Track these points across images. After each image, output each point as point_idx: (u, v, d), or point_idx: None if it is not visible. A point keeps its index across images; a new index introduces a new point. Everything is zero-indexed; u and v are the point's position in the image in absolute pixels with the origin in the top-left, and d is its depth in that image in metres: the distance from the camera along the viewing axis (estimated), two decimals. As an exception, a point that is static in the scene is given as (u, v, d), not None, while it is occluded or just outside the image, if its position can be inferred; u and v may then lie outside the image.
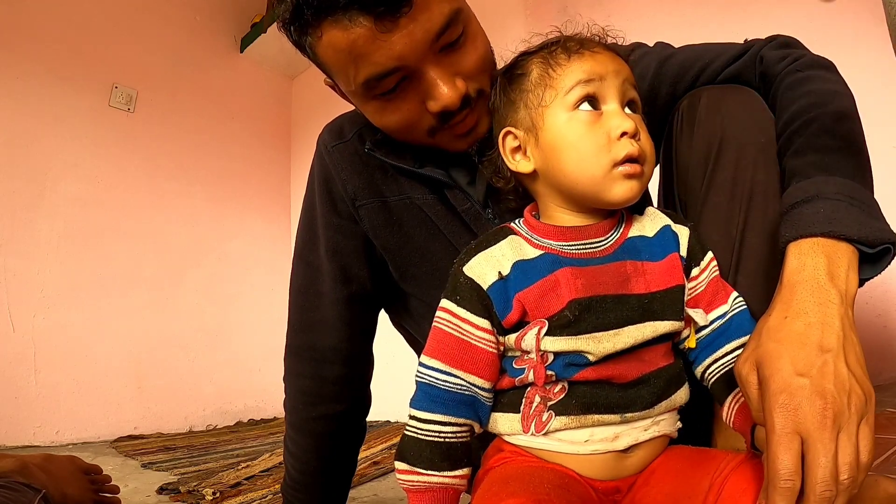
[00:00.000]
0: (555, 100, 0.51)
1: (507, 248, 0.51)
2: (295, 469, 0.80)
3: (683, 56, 0.67)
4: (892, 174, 1.31)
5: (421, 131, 0.62)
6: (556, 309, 0.48)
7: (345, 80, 0.60)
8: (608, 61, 0.51)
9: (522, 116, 0.54)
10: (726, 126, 0.59)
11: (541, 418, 0.49)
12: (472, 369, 0.49)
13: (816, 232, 0.47)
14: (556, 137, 0.51)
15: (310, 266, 0.78)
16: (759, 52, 0.64)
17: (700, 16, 1.70)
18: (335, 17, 0.53)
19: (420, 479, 0.48)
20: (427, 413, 0.49)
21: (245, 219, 2.78)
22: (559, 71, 0.52)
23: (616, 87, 0.51)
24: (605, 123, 0.50)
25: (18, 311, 1.95)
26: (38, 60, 2.13)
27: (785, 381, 0.41)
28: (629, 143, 0.49)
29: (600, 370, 0.48)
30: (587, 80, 0.50)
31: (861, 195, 0.50)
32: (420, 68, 0.57)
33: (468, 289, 0.50)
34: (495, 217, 0.67)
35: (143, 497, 1.24)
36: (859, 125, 0.56)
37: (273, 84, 3.05)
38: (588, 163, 0.49)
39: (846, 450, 0.39)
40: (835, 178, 0.50)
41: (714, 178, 0.60)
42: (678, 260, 0.53)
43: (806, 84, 0.58)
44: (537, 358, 0.49)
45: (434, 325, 0.51)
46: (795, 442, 0.39)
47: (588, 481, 0.49)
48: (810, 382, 0.41)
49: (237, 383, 2.54)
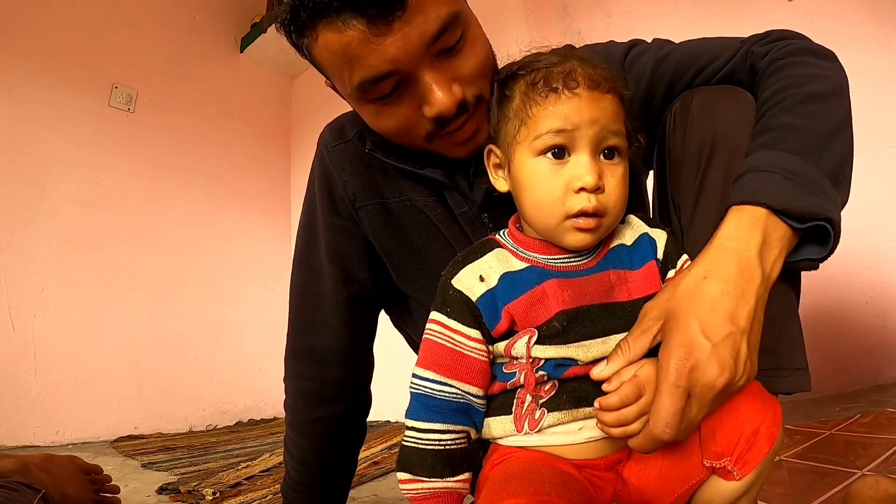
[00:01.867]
0: (525, 140, 0.51)
1: (494, 260, 0.52)
2: (295, 470, 0.80)
3: (680, 55, 0.67)
4: (892, 174, 1.31)
5: (418, 137, 0.62)
6: (543, 319, 0.49)
7: (341, 83, 0.59)
8: (586, 108, 0.49)
9: (502, 140, 0.55)
10: (719, 127, 0.60)
11: (533, 416, 0.50)
12: (466, 378, 0.50)
13: (737, 201, 0.49)
14: (520, 176, 0.52)
15: (310, 267, 0.78)
16: (749, 49, 0.64)
17: (700, 16, 1.70)
18: (329, 19, 0.52)
19: (424, 487, 0.49)
20: (425, 423, 0.50)
21: (245, 219, 2.78)
22: (535, 111, 0.51)
23: (589, 138, 0.49)
24: (567, 174, 0.49)
25: (18, 311, 1.95)
26: (38, 60, 2.13)
27: (689, 338, 0.44)
28: (585, 199, 0.48)
29: (588, 368, 0.49)
30: (559, 129, 0.49)
31: (803, 171, 0.49)
32: (416, 72, 0.56)
33: (457, 301, 0.51)
34: (491, 222, 0.67)
35: (143, 497, 1.24)
36: (835, 108, 0.55)
37: (273, 84, 3.05)
38: (542, 209, 0.51)
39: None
40: (776, 152, 0.51)
41: (706, 178, 0.60)
42: (655, 267, 0.54)
43: (785, 69, 0.59)
44: (528, 364, 0.50)
45: (425, 338, 0.52)
46: (682, 396, 0.43)
47: (592, 463, 0.50)
48: (711, 347, 0.43)
49: (237, 383, 2.54)
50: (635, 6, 1.84)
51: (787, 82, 0.57)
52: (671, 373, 0.43)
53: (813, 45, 0.62)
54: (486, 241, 0.55)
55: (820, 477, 0.81)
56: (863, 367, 1.35)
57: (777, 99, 0.56)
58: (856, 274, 1.37)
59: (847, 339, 1.37)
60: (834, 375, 1.36)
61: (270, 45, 2.78)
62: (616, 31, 1.86)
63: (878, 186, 1.32)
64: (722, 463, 0.47)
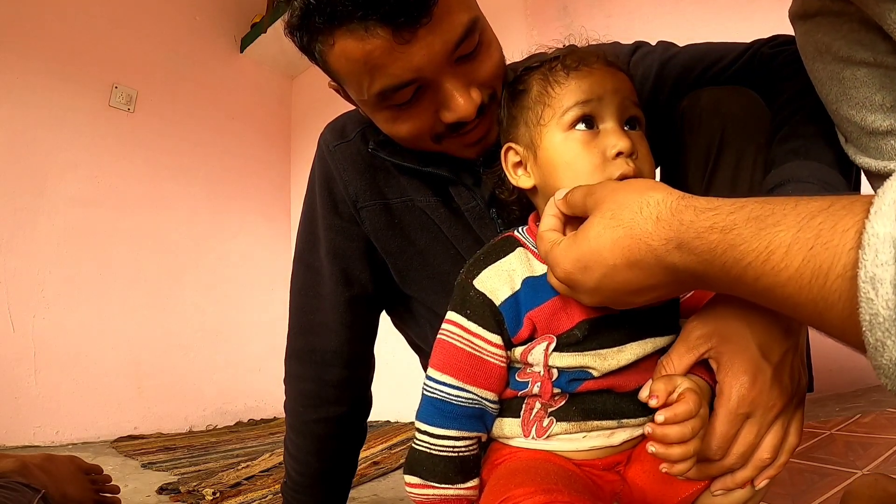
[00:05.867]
0: (552, 119, 0.51)
1: (517, 262, 0.51)
2: (295, 471, 0.80)
3: (686, 57, 0.67)
4: (892, 174, 1.31)
5: (431, 139, 0.62)
6: (566, 327, 0.48)
7: (357, 90, 0.58)
8: (607, 79, 0.51)
9: (523, 133, 0.54)
10: (726, 127, 0.59)
11: (541, 424, 0.49)
12: (485, 385, 0.49)
13: None
14: (553, 156, 0.51)
15: (310, 268, 0.77)
16: (758, 51, 0.64)
17: (700, 16, 1.70)
18: (350, 26, 0.51)
19: (434, 493, 0.48)
20: (440, 429, 0.48)
21: (245, 219, 2.77)
22: (557, 90, 0.51)
23: (614, 106, 0.50)
24: (601, 142, 0.49)
25: (18, 311, 1.95)
26: (38, 60, 2.13)
27: (752, 364, 0.42)
28: (624, 163, 0.49)
29: (602, 382, 0.49)
30: (585, 100, 0.50)
31: (837, 182, 0.50)
32: (436, 79, 0.55)
33: (480, 304, 0.49)
34: (499, 217, 0.67)
35: (143, 497, 1.24)
36: None
37: (273, 84, 3.05)
38: (583, 182, 0.49)
39: (777, 433, 0.43)
40: (811, 162, 0.51)
41: (714, 178, 0.60)
42: None
43: (801, 75, 0.58)
44: (545, 373, 0.49)
45: (441, 339, 0.50)
46: (741, 422, 0.42)
47: (591, 463, 0.50)
48: (772, 371, 0.42)
49: (237, 383, 2.54)
50: (635, 6, 1.84)
51: (803, 88, 0.57)
52: (733, 400, 0.42)
53: None
54: (506, 239, 0.53)
55: (820, 477, 0.81)
56: (863, 367, 1.35)
57: (798, 105, 0.56)
58: (856, 274, 1.37)
59: (847, 339, 1.37)
60: (834, 375, 1.36)
61: (270, 45, 2.77)
62: (616, 31, 1.86)
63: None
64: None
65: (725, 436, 0.42)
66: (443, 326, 0.51)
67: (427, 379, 0.50)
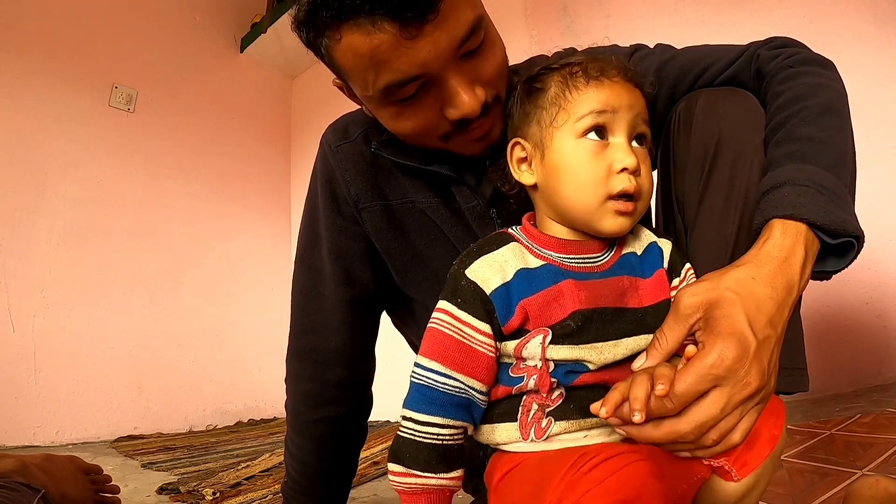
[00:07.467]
0: (566, 123, 0.52)
1: (510, 254, 0.52)
2: (296, 470, 0.80)
3: (683, 59, 0.68)
4: (892, 174, 1.31)
5: (435, 137, 0.62)
6: (558, 318, 0.49)
7: (361, 85, 0.58)
8: (624, 94, 0.52)
9: (533, 131, 0.55)
10: (723, 128, 0.60)
11: (540, 425, 0.49)
12: (473, 373, 0.49)
13: (778, 214, 0.49)
14: (560, 160, 0.52)
15: (312, 268, 0.77)
16: (755, 53, 0.64)
17: (700, 16, 1.70)
18: (357, 20, 0.51)
19: (416, 482, 0.48)
20: (424, 415, 0.49)
21: (245, 219, 2.78)
22: (575, 95, 0.52)
23: (627, 121, 0.51)
24: (609, 155, 0.50)
25: (18, 311, 1.95)
26: (37, 60, 2.13)
27: (739, 329, 0.43)
28: (627, 179, 0.50)
29: (598, 375, 0.49)
30: (600, 110, 0.51)
31: (833, 186, 0.50)
32: (441, 76, 0.56)
33: (470, 292, 0.50)
34: (499, 218, 0.67)
35: (143, 497, 1.24)
36: (845, 121, 0.57)
37: (273, 84, 3.05)
38: (584, 190, 0.51)
39: (730, 421, 0.43)
40: (808, 166, 0.51)
41: (711, 179, 0.60)
42: (664, 275, 0.55)
43: (795, 78, 0.59)
44: (542, 366, 0.49)
45: (431, 327, 0.51)
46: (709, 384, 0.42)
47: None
48: (756, 346, 0.43)
49: (237, 383, 2.54)
50: (635, 6, 1.84)
51: (802, 91, 0.57)
52: (711, 356, 0.42)
53: (816, 55, 0.62)
54: (500, 234, 0.54)
55: (820, 477, 0.81)
56: (863, 367, 1.35)
57: (795, 108, 0.56)
58: (856, 274, 1.37)
59: (847, 339, 1.37)
60: (834, 375, 1.36)
61: (270, 45, 2.78)
62: (616, 31, 1.86)
63: (878, 186, 1.32)
64: (720, 463, 0.47)
65: (689, 390, 0.41)
66: (433, 315, 0.51)
67: (415, 366, 0.50)
